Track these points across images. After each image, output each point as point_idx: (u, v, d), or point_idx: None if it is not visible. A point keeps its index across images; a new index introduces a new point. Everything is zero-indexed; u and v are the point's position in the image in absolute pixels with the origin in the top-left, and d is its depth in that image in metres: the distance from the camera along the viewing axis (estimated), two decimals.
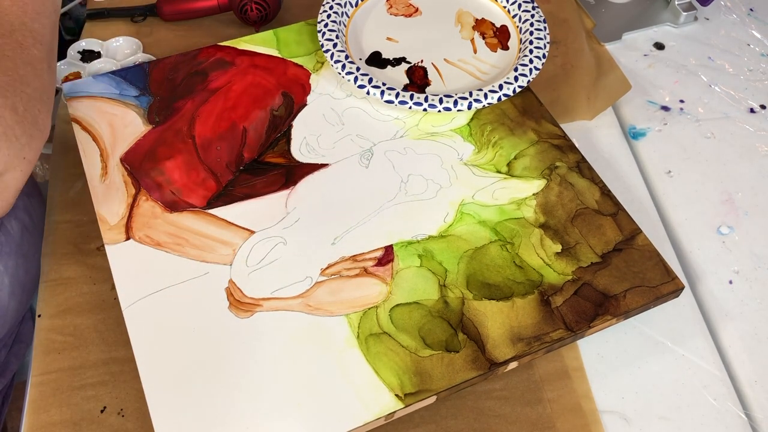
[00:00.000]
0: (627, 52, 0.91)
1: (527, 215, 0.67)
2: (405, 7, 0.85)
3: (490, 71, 0.79)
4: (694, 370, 0.64)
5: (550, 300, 0.61)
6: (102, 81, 0.76)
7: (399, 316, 0.60)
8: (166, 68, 0.77)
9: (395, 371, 0.57)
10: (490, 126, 0.74)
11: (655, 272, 0.63)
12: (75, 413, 0.59)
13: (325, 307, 0.60)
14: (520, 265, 0.63)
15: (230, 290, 0.61)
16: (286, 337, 0.58)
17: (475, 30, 0.83)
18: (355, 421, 0.54)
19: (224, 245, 0.64)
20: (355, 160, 0.71)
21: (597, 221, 0.67)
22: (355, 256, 0.63)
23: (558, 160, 0.71)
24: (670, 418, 0.61)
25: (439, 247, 0.64)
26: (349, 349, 0.58)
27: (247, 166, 0.70)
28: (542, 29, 0.79)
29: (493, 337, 0.59)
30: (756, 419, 0.62)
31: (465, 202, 0.68)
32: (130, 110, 0.73)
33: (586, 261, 0.64)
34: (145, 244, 0.63)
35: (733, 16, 0.96)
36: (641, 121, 0.83)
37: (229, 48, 0.80)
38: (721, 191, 0.77)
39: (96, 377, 0.61)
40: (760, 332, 0.67)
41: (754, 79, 0.88)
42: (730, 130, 0.83)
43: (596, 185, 0.69)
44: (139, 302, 0.60)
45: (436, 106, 0.72)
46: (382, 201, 0.67)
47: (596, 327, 0.61)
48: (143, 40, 0.88)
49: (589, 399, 0.61)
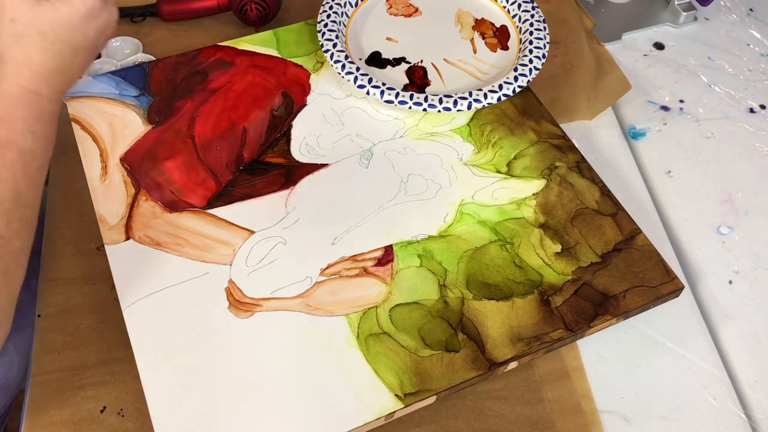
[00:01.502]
0: (627, 52, 0.91)
1: (527, 215, 0.67)
2: (405, 7, 0.85)
3: (489, 71, 0.79)
4: (694, 370, 0.64)
5: (550, 300, 0.61)
6: (102, 81, 0.76)
7: (399, 316, 0.60)
8: (166, 68, 0.77)
9: (395, 371, 0.57)
10: (490, 126, 0.74)
11: (654, 272, 0.63)
12: (75, 413, 0.59)
13: (325, 307, 0.60)
14: (519, 265, 0.63)
15: (230, 290, 0.61)
16: (286, 337, 0.58)
17: (474, 30, 0.83)
18: (355, 421, 0.54)
19: (224, 245, 0.64)
20: (354, 160, 0.71)
21: (597, 221, 0.67)
22: (355, 256, 0.63)
23: (558, 160, 0.71)
24: (670, 418, 0.61)
25: (439, 247, 0.64)
26: (349, 349, 0.58)
27: (247, 166, 0.70)
28: (542, 29, 0.79)
29: (492, 337, 0.59)
30: (756, 419, 0.62)
31: (465, 202, 0.68)
32: (130, 110, 0.73)
33: (586, 261, 0.64)
34: (145, 244, 0.63)
35: (733, 16, 0.96)
36: (641, 121, 0.83)
37: (228, 48, 0.80)
38: (721, 191, 0.77)
39: (96, 377, 0.61)
40: (760, 332, 0.67)
41: (754, 79, 0.88)
42: (730, 130, 0.83)
43: (596, 185, 0.69)
44: (139, 302, 0.60)
45: (435, 106, 0.72)
46: (381, 201, 0.67)
47: (596, 327, 0.61)
48: (143, 40, 0.88)
49: (589, 399, 0.61)
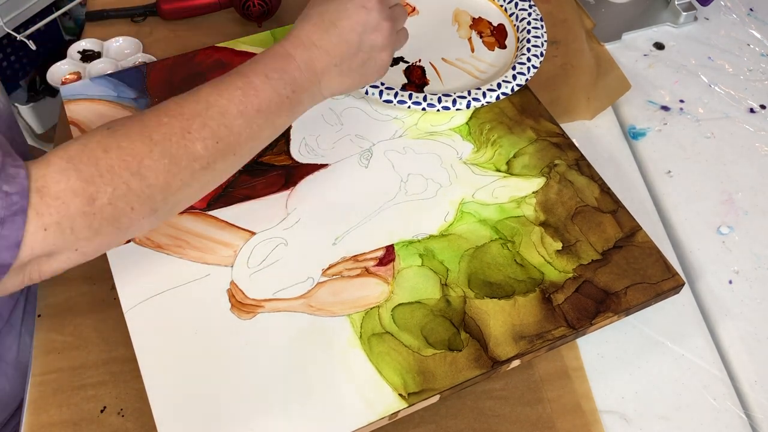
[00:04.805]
0: (627, 52, 0.91)
1: (527, 213, 0.67)
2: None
3: (488, 70, 0.79)
4: (694, 370, 0.64)
5: (552, 298, 0.61)
6: (99, 83, 0.75)
7: (401, 315, 0.60)
8: (164, 70, 0.77)
9: (398, 371, 0.57)
10: (489, 125, 0.74)
11: (655, 269, 0.63)
12: (75, 413, 0.59)
13: (327, 308, 0.60)
14: (521, 264, 0.63)
15: (232, 292, 0.61)
16: (288, 338, 0.58)
17: (472, 29, 0.83)
18: (359, 421, 0.54)
19: (225, 246, 0.63)
20: (354, 160, 0.71)
21: (597, 218, 0.67)
22: (357, 256, 0.63)
23: (557, 158, 0.71)
24: (670, 418, 0.61)
25: (440, 246, 0.64)
26: (352, 349, 0.58)
27: (247, 167, 0.69)
28: (539, 27, 0.79)
29: (495, 336, 0.59)
30: (756, 419, 0.62)
31: (465, 200, 0.68)
32: (129, 113, 0.73)
33: (587, 258, 0.64)
34: (146, 246, 0.63)
35: (733, 16, 0.96)
36: (641, 121, 0.83)
37: (226, 49, 0.80)
38: (721, 191, 0.77)
39: (96, 377, 0.61)
40: (760, 332, 0.67)
41: (754, 79, 0.88)
42: (730, 130, 0.83)
43: (595, 183, 0.69)
44: (141, 305, 0.59)
45: (434, 105, 0.72)
46: (382, 201, 0.67)
47: (598, 324, 0.61)
48: (143, 40, 0.88)
49: (589, 399, 0.61)
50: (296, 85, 0.57)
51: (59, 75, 0.85)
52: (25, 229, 0.45)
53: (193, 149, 0.51)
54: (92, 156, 0.48)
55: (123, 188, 0.48)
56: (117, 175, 0.48)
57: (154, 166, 0.50)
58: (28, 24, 1.12)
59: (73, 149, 0.48)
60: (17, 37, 1.02)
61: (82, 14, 1.28)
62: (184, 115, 0.52)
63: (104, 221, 0.48)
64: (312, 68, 0.58)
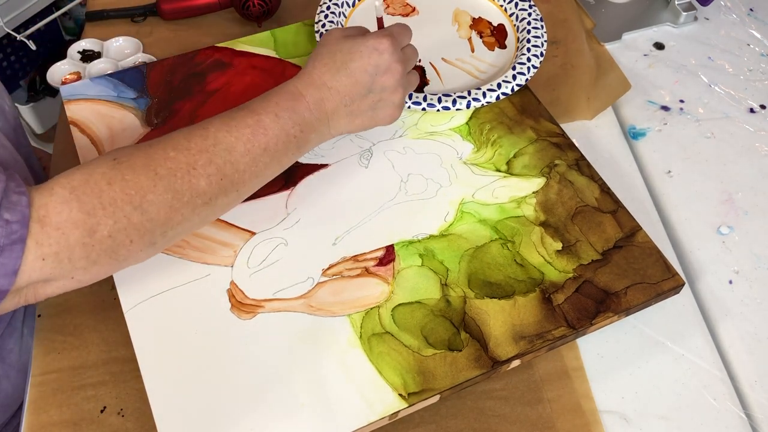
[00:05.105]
0: (627, 52, 0.91)
1: (527, 213, 0.67)
2: (402, 6, 0.85)
3: (488, 70, 0.79)
4: (694, 370, 0.64)
5: (552, 298, 0.61)
6: (99, 83, 0.75)
7: (401, 315, 0.60)
8: (164, 70, 0.77)
9: (398, 371, 0.57)
10: (489, 125, 0.74)
11: (655, 269, 0.63)
12: (75, 413, 0.59)
13: (327, 308, 0.60)
14: (521, 264, 0.63)
15: (232, 292, 0.61)
16: (288, 338, 0.58)
17: (472, 29, 0.83)
18: (359, 421, 0.54)
19: (225, 246, 0.63)
20: (354, 160, 0.71)
21: (597, 218, 0.67)
22: (357, 256, 0.63)
23: (557, 158, 0.71)
24: (670, 418, 0.61)
25: (440, 246, 0.64)
26: (352, 350, 0.58)
27: None
28: (539, 27, 0.79)
29: (495, 336, 0.59)
30: (756, 419, 0.62)
31: (465, 200, 0.68)
32: (129, 113, 0.73)
33: (587, 258, 0.64)
34: None
35: (733, 16, 0.96)
36: (641, 121, 0.83)
37: (226, 49, 0.80)
38: (721, 191, 0.77)
39: (96, 377, 0.61)
40: (760, 332, 0.67)
41: (754, 79, 0.88)
42: (730, 130, 0.83)
43: (595, 183, 0.69)
44: (141, 305, 0.59)
45: (434, 105, 0.72)
46: (382, 201, 0.67)
47: (598, 324, 0.61)
48: (143, 40, 0.88)
49: (589, 399, 0.61)
50: (305, 125, 0.58)
51: (59, 75, 0.85)
52: (23, 258, 0.46)
53: (197, 185, 0.52)
54: (96, 188, 0.49)
55: (124, 222, 0.49)
56: (119, 208, 0.49)
57: (157, 200, 0.50)
58: (28, 24, 1.12)
59: (77, 179, 0.49)
60: (17, 37, 1.02)
61: (82, 14, 1.28)
62: (191, 150, 0.52)
63: (102, 252, 0.49)
64: (322, 108, 0.58)
